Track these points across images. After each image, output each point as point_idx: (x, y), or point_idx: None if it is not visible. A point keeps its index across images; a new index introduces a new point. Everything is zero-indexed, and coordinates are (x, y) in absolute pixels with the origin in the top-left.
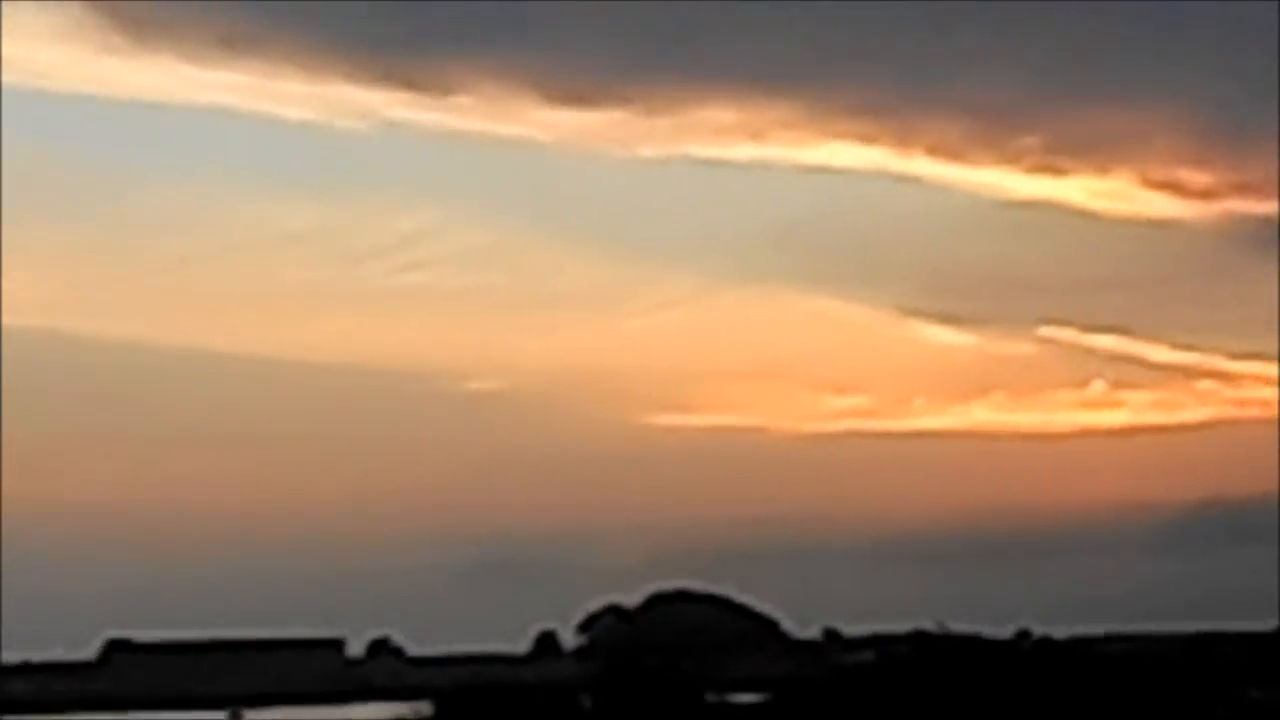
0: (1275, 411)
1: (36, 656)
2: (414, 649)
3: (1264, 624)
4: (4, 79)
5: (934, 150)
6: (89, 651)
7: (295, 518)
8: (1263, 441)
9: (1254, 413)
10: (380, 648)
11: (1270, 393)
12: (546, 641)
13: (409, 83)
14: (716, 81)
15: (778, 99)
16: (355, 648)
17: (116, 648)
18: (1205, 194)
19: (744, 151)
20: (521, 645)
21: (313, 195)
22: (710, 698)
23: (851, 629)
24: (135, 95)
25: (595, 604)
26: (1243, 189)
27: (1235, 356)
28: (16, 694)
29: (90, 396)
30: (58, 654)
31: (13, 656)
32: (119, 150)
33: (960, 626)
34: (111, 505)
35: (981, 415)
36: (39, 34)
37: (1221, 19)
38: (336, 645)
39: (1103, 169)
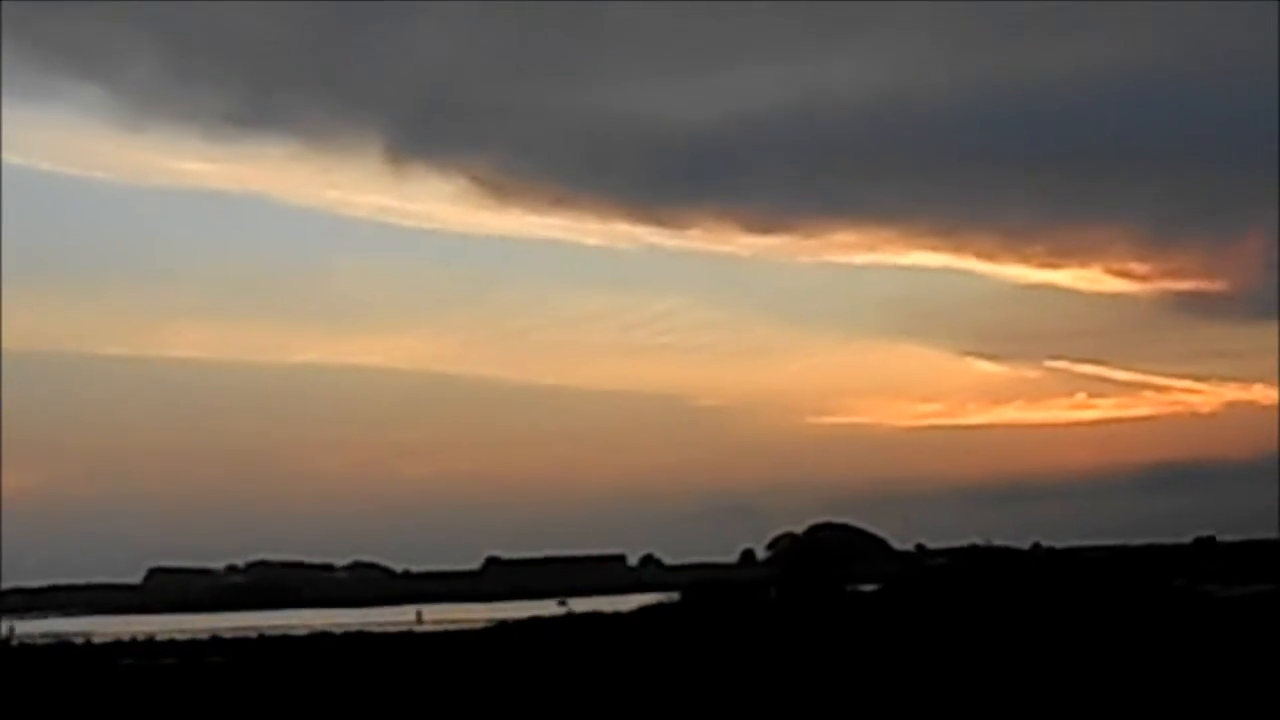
0: (1195, 409)
1: (436, 567)
2: (668, 560)
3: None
4: (408, 224)
5: (979, 254)
6: (475, 564)
7: (598, 481)
8: (1191, 427)
9: (1180, 410)
10: (648, 560)
11: (1188, 397)
12: (748, 556)
13: (660, 221)
14: (845, 215)
15: (883, 225)
16: (632, 560)
17: (492, 562)
18: (1145, 278)
19: (862, 258)
20: (732, 557)
21: (602, 289)
22: (847, 588)
23: (933, 544)
24: (497, 234)
25: (776, 531)
26: (1171, 274)
27: (1168, 375)
28: (429, 591)
29: (475, 414)
30: (451, 566)
31: (425, 567)
32: (484, 267)
33: (999, 541)
34: (492, 476)
35: (1009, 415)
36: (437, 198)
37: (1155, 167)
38: (621, 559)
39: (1083, 264)
